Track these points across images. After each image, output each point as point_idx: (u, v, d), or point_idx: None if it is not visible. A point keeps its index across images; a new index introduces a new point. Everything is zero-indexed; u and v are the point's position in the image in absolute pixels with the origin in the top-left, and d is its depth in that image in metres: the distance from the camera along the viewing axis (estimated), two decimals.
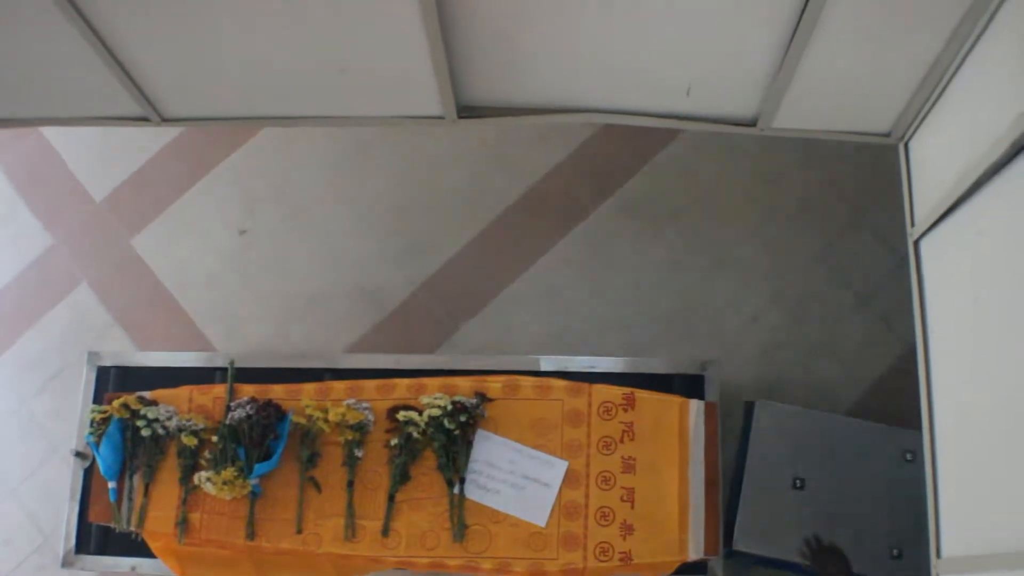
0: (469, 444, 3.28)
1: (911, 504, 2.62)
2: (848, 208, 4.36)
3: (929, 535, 2.42)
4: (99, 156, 4.91)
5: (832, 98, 2.66)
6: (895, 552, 3.30)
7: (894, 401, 3.43)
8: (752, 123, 2.80)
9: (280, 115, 2.93)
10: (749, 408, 3.55)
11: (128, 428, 3.36)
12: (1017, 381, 1.96)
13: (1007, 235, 2.08)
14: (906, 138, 2.77)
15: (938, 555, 2.39)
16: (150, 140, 4.85)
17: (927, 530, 2.43)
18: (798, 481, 3.40)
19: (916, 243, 2.66)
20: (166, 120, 2.91)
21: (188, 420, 3.34)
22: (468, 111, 2.81)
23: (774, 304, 4.26)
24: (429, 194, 4.63)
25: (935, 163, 2.58)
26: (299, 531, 3.27)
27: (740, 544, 3.35)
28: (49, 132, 4.92)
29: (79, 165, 4.92)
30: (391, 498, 3.27)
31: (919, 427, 2.51)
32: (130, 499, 3.36)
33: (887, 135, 2.81)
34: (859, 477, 3.41)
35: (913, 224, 2.68)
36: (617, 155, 4.53)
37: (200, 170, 4.81)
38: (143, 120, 2.90)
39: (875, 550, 3.30)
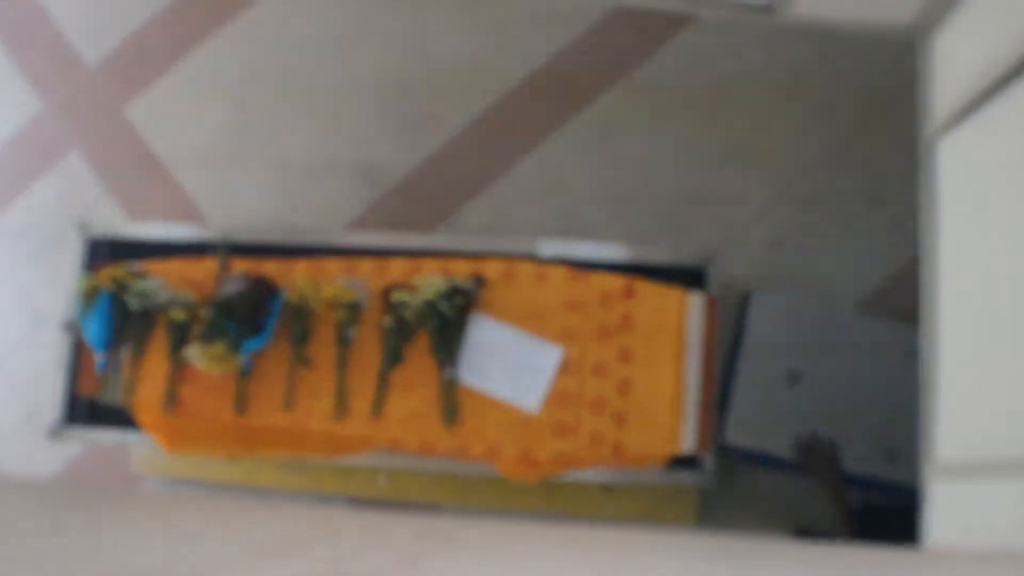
0: (464, 327, 3.23)
1: (909, 406, 2.59)
2: (866, 107, 4.21)
3: (922, 438, 2.40)
4: (91, 19, 4.73)
5: None
6: (889, 454, 3.30)
7: (899, 304, 3.38)
8: (768, 9, 2.68)
9: None
10: (746, 298, 3.50)
11: (117, 300, 3.30)
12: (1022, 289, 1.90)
13: None
14: (930, 33, 2.65)
15: (930, 460, 2.37)
16: (143, 5, 4.67)
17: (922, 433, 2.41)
18: (793, 375, 3.37)
19: (931, 143, 2.58)
20: None
21: (178, 294, 3.29)
22: None
23: (782, 200, 4.17)
24: (431, 72, 4.48)
25: (958, 61, 2.47)
26: (288, 408, 3.25)
27: (730, 437, 3.34)
28: None
29: (70, 27, 4.73)
30: (383, 379, 3.24)
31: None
32: (118, 372, 3.34)
33: (910, 28, 2.69)
34: (857, 375, 3.38)
35: (930, 124, 2.60)
36: (627, 40, 4.36)
37: (196, 39, 4.64)
38: None
39: (868, 450, 3.30)
